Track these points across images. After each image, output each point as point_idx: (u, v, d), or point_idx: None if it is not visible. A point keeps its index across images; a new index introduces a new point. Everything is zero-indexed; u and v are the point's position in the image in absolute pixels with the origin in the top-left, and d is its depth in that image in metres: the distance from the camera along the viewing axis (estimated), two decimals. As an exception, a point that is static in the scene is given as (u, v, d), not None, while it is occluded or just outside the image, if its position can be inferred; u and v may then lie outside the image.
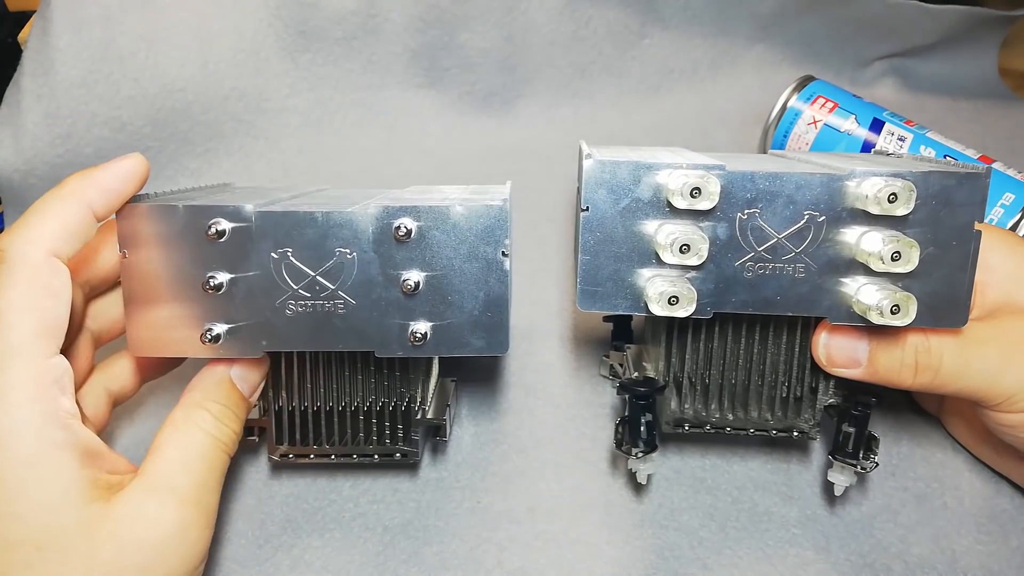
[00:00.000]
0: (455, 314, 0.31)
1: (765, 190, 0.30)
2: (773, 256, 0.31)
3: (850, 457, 0.34)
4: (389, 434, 0.35)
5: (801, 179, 0.30)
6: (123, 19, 0.52)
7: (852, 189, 0.30)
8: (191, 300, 0.31)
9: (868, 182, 0.29)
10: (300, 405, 0.35)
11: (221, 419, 0.32)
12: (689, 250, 0.30)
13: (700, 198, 0.29)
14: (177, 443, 0.30)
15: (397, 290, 0.31)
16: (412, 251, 0.31)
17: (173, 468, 0.30)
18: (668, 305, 0.30)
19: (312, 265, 0.31)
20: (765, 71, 0.65)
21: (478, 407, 0.42)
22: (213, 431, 0.31)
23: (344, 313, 0.31)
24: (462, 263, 0.31)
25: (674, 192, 0.30)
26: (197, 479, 0.30)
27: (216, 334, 0.31)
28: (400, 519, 0.37)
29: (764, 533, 0.36)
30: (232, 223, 0.30)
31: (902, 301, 0.29)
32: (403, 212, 0.30)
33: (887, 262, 0.29)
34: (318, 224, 0.30)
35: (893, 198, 0.29)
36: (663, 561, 0.35)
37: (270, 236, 0.30)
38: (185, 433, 0.31)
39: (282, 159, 0.57)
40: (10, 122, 0.51)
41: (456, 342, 0.31)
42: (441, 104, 0.59)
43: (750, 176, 0.30)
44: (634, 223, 0.31)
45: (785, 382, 0.34)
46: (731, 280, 0.31)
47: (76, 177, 0.30)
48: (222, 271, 0.30)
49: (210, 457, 0.31)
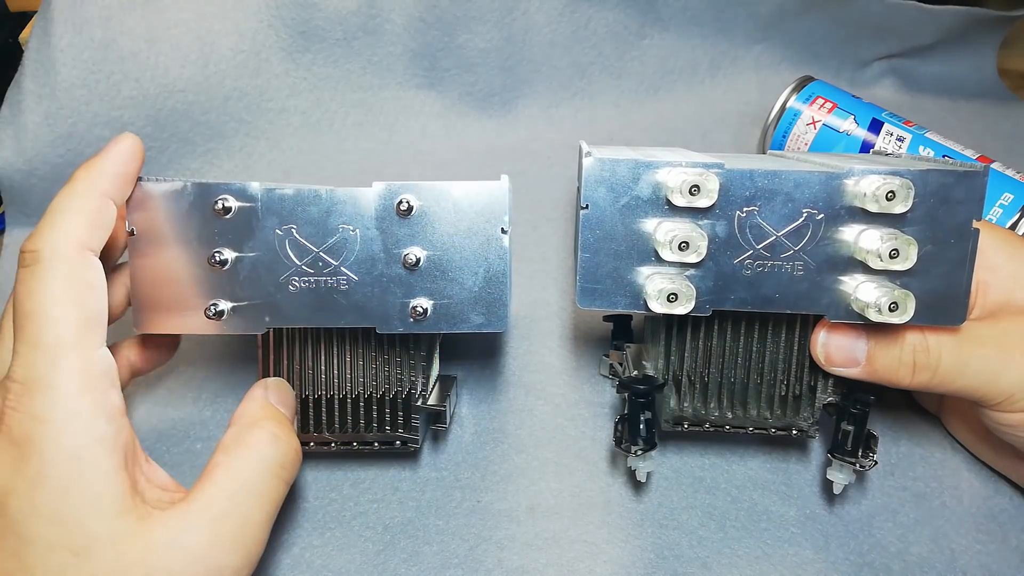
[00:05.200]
0: (455, 290, 0.32)
1: (764, 188, 0.30)
2: (772, 254, 0.31)
3: (849, 455, 0.34)
4: (389, 421, 0.35)
5: (800, 177, 0.30)
6: (124, 20, 0.52)
7: (850, 187, 0.30)
8: (196, 276, 0.32)
9: (866, 180, 0.29)
10: (300, 393, 0.35)
11: (279, 435, 0.31)
12: (688, 247, 0.30)
13: (699, 196, 0.30)
14: (229, 468, 0.29)
15: (399, 266, 0.32)
16: (413, 228, 0.31)
17: (220, 498, 0.28)
18: (667, 302, 0.30)
19: (315, 241, 0.31)
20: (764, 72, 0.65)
21: (478, 407, 0.42)
22: (271, 450, 0.30)
23: (346, 289, 0.32)
24: (462, 240, 0.32)
25: (673, 189, 0.30)
26: (244, 512, 0.28)
27: (220, 310, 0.31)
28: (400, 518, 0.37)
29: (763, 532, 0.36)
30: (239, 201, 0.31)
31: (900, 299, 0.29)
32: (405, 189, 0.31)
33: (885, 259, 0.29)
34: (322, 201, 0.31)
35: (891, 196, 0.29)
36: (663, 560, 0.35)
37: (275, 213, 0.31)
38: (237, 456, 0.29)
39: (283, 159, 0.57)
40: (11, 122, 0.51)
41: (456, 318, 0.32)
42: (441, 104, 0.60)
43: (749, 174, 0.30)
44: (633, 221, 0.31)
45: (784, 380, 0.35)
46: (730, 278, 0.31)
47: (84, 170, 0.30)
48: (227, 248, 0.31)
49: (265, 487, 0.29)
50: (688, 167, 0.30)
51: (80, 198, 0.29)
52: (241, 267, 0.32)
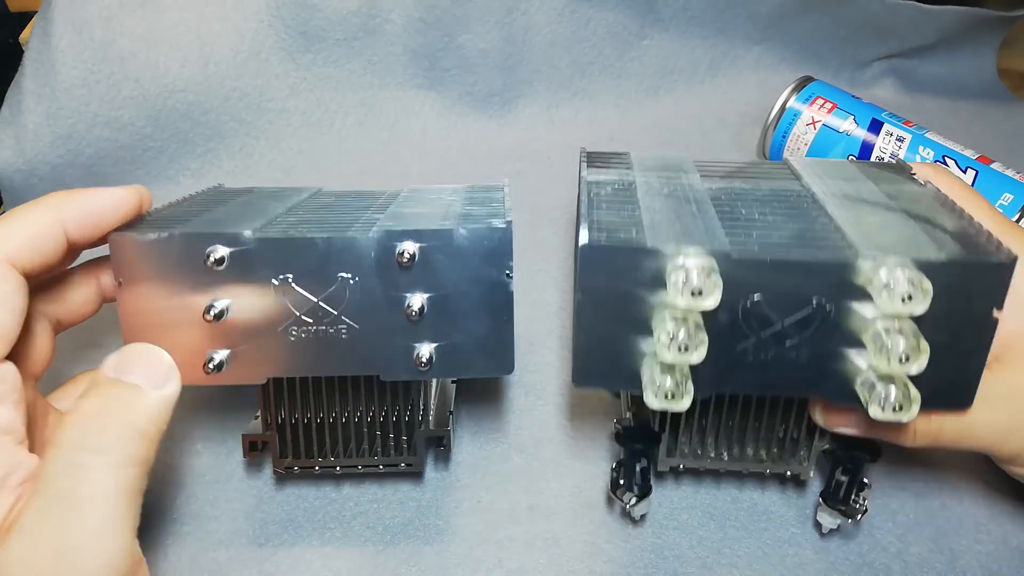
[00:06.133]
0: (460, 336, 0.30)
1: (772, 276, 0.28)
2: (776, 341, 0.29)
3: (840, 503, 0.34)
4: (393, 445, 0.35)
5: (812, 266, 0.28)
6: (124, 20, 0.52)
7: (865, 276, 0.28)
8: (191, 329, 0.30)
9: (883, 275, 0.27)
10: (303, 418, 0.35)
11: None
12: (688, 350, 0.28)
13: (703, 298, 0.27)
14: None
15: (401, 314, 0.30)
16: (415, 274, 0.30)
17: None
18: (665, 400, 0.28)
19: (314, 291, 0.30)
20: (764, 72, 0.65)
21: (478, 407, 0.42)
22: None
23: (347, 338, 0.30)
24: (466, 285, 0.30)
25: (675, 290, 0.27)
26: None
27: (219, 363, 0.30)
28: (400, 518, 0.37)
29: (763, 532, 0.37)
30: (230, 248, 0.29)
31: (905, 402, 0.28)
32: (405, 236, 0.29)
33: (894, 363, 0.27)
34: (319, 249, 0.29)
35: (909, 299, 0.26)
36: (663, 560, 0.35)
37: (270, 262, 0.29)
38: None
39: (283, 159, 0.57)
40: (11, 122, 0.51)
41: (462, 364, 0.31)
42: (441, 105, 0.60)
43: (757, 264, 0.28)
44: (633, 306, 0.29)
45: (783, 425, 0.34)
46: (731, 364, 0.29)
47: (59, 192, 0.29)
48: (222, 299, 0.30)
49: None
50: (694, 257, 0.27)
51: (31, 212, 0.28)
52: (238, 318, 0.30)
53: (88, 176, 0.53)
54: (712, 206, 0.31)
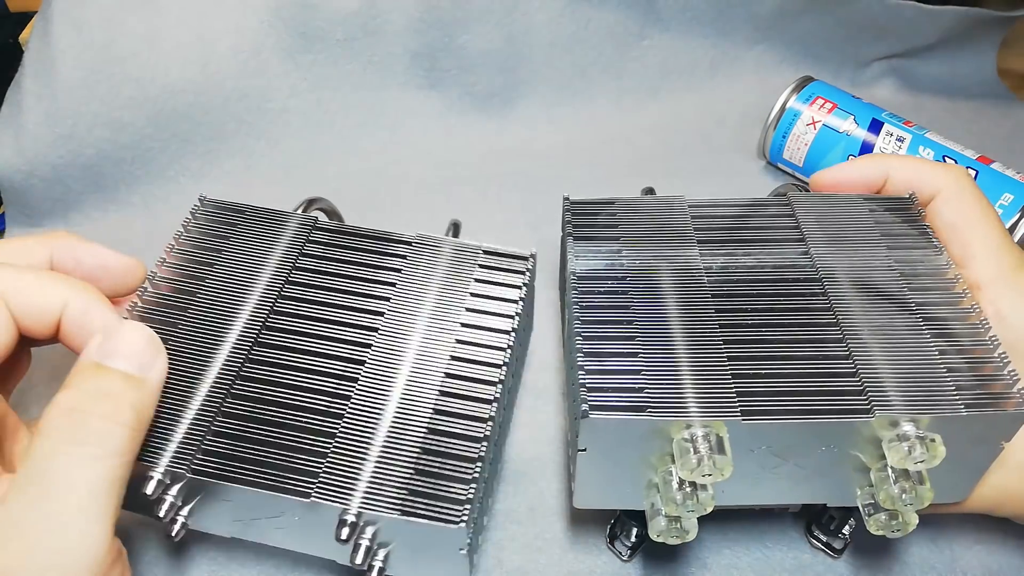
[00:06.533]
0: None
1: (782, 435, 0.27)
2: (780, 472, 0.29)
3: (824, 533, 0.35)
4: None
5: (824, 427, 0.27)
6: (124, 20, 0.52)
7: (878, 431, 0.27)
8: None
9: (896, 435, 0.27)
10: None
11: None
12: (694, 512, 0.28)
13: (711, 476, 0.27)
14: None
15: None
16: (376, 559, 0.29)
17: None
18: (671, 538, 0.29)
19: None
20: (764, 72, 0.65)
21: (478, 407, 0.42)
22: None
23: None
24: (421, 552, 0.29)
25: (685, 469, 0.26)
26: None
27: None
28: (400, 519, 0.37)
29: (763, 534, 0.37)
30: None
31: (904, 527, 0.28)
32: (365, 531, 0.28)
33: (898, 504, 0.27)
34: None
35: (919, 463, 0.26)
36: (663, 561, 0.36)
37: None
38: None
39: (283, 160, 0.57)
40: (11, 123, 0.51)
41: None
42: (442, 105, 0.60)
43: (765, 430, 0.27)
44: (637, 461, 0.28)
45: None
46: (734, 486, 0.29)
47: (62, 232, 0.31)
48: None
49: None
50: (698, 428, 0.27)
51: (23, 240, 0.29)
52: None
53: (88, 176, 0.52)
54: (716, 319, 0.30)
